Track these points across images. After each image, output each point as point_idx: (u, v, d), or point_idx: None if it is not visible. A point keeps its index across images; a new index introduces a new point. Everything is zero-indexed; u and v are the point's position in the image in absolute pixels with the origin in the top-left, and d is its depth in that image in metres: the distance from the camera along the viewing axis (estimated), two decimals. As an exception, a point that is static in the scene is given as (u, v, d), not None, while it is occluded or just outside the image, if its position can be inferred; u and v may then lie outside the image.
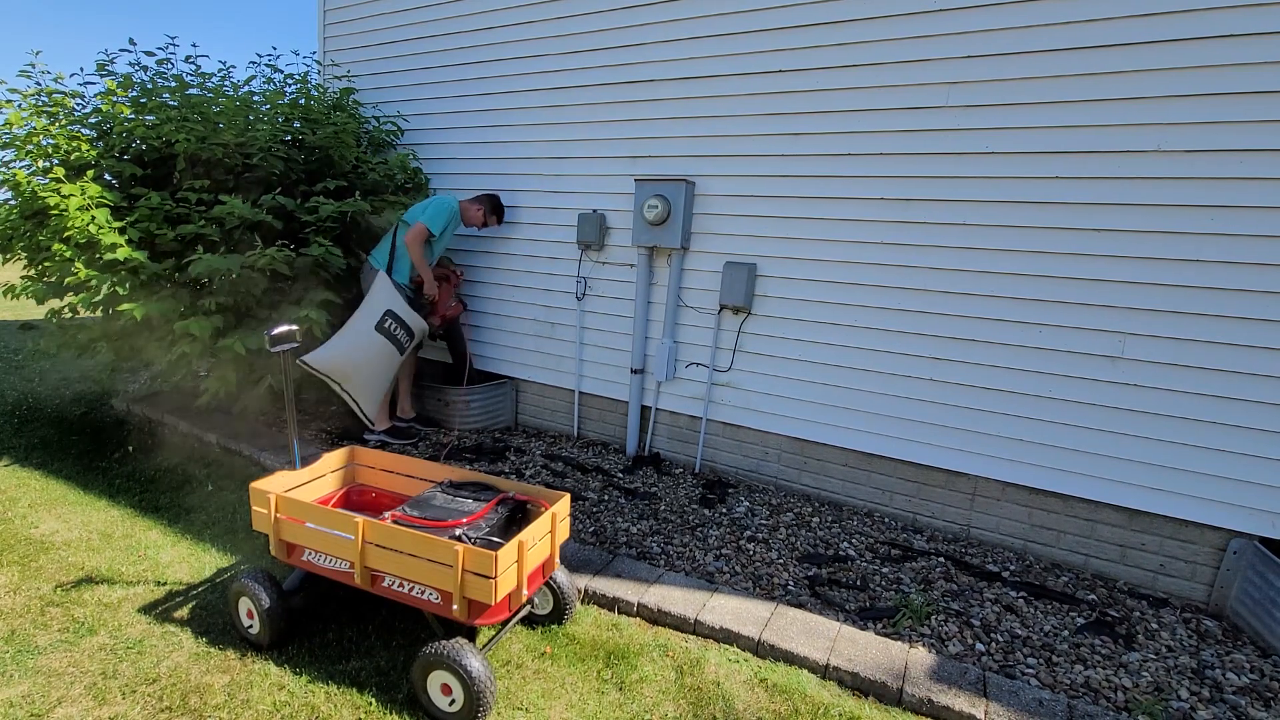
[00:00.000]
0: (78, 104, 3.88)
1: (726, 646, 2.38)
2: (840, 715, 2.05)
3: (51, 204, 3.31)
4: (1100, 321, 2.85)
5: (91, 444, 3.96)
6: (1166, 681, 2.26)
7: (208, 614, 2.38)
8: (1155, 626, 2.60)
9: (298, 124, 4.26)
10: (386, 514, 2.20)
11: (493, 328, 4.62)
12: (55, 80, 3.84)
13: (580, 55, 4.01)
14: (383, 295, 3.78)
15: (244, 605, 2.20)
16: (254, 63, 4.51)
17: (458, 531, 2.11)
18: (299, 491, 2.41)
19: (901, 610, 2.55)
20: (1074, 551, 3.03)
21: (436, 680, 1.92)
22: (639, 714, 2.02)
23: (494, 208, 4.16)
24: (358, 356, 3.69)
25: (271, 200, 3.72)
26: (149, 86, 3.96)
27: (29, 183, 3.44)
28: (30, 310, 8.35)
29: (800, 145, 3.42)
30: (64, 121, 3.74)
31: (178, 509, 3.18)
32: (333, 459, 2.61)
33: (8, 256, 3.78)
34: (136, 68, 4.14)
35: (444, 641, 1.92)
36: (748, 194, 3.59)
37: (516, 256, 4.43)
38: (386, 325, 3.73)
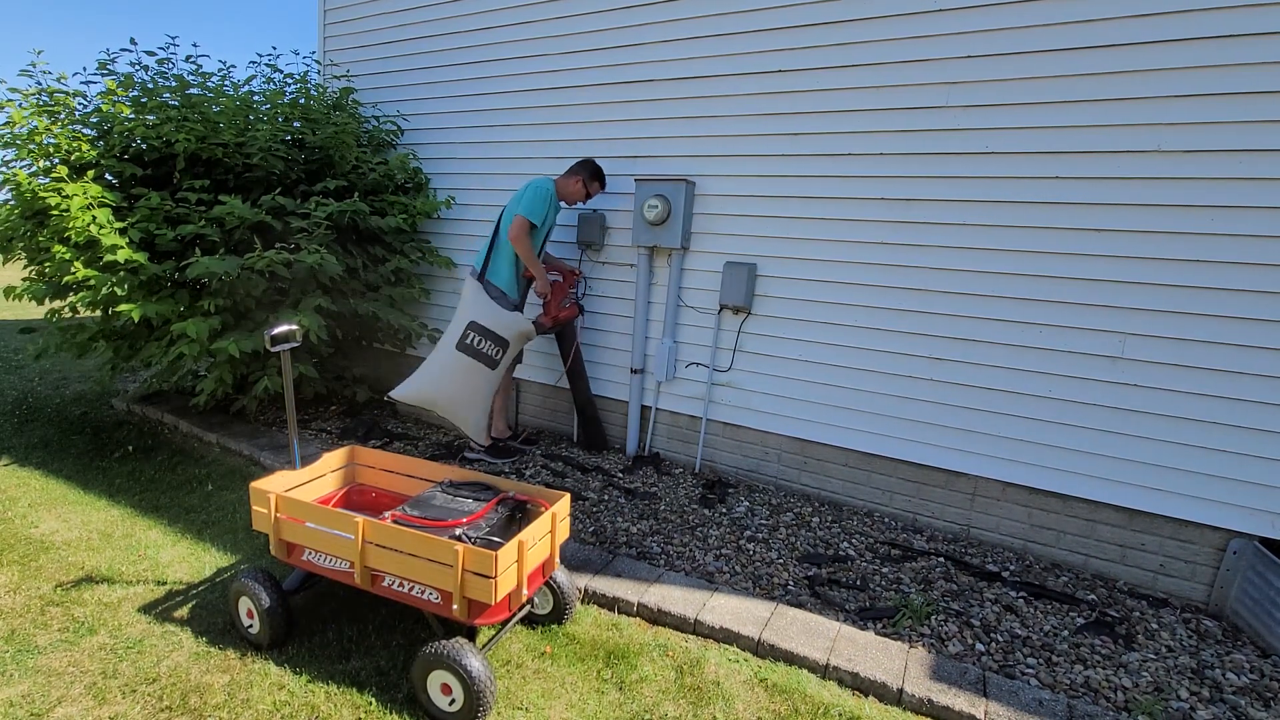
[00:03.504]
0: (79, 103, 3.88)
1: (726, 646, 2.38)
2: (840, 715, 2.05)
3: (52, 204, 3.31)
4: (1100, 322, 2.85)
5: (91, 444, 3.96)
6: (1166, 681, 2.26)
7: (208, 613, 2.38)
8: (1155, 626, 2.60)
9: (298, 124, 4.26)
10: (386, 514, 2.20)
11: (493, 328, 4.62)
12: (57, 80, 3.84)
13: (579, 55, 4.01)
14: (467, 305, 3.51)
15: (244, 605, 2.20)
16: (254, 63, 4.51)
17: (458, 531, 2.11)
18: (299, 491, 2.41)
19: (901, 610, 2.55)
20: (1074, 551, 3.03)
21: (436, 680, 1.92)
22: (639, 714, 2.02)
23: (593, 173, 3.70)
24: (442, 382, 3.47)
25: (271, 200, 3.72)
26: (149, 86, 3.96)
27: (30, 183, 3.44)
28: (31, 311, 8.35)
29: (800, 145, 3.42)
30: (65, 121, 3.74)
31: (178, 509, 3.18)
32: (333, 459, 2.61)
33: (8, 257, 3.79)
34: (137, 67, 4.14)
35: (444, 641, 1.92)
36: (748, 194, 3.59)
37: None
38: (469, 340, 3.45)
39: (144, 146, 3.84)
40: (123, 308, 3.32)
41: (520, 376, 4.56)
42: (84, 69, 4.06)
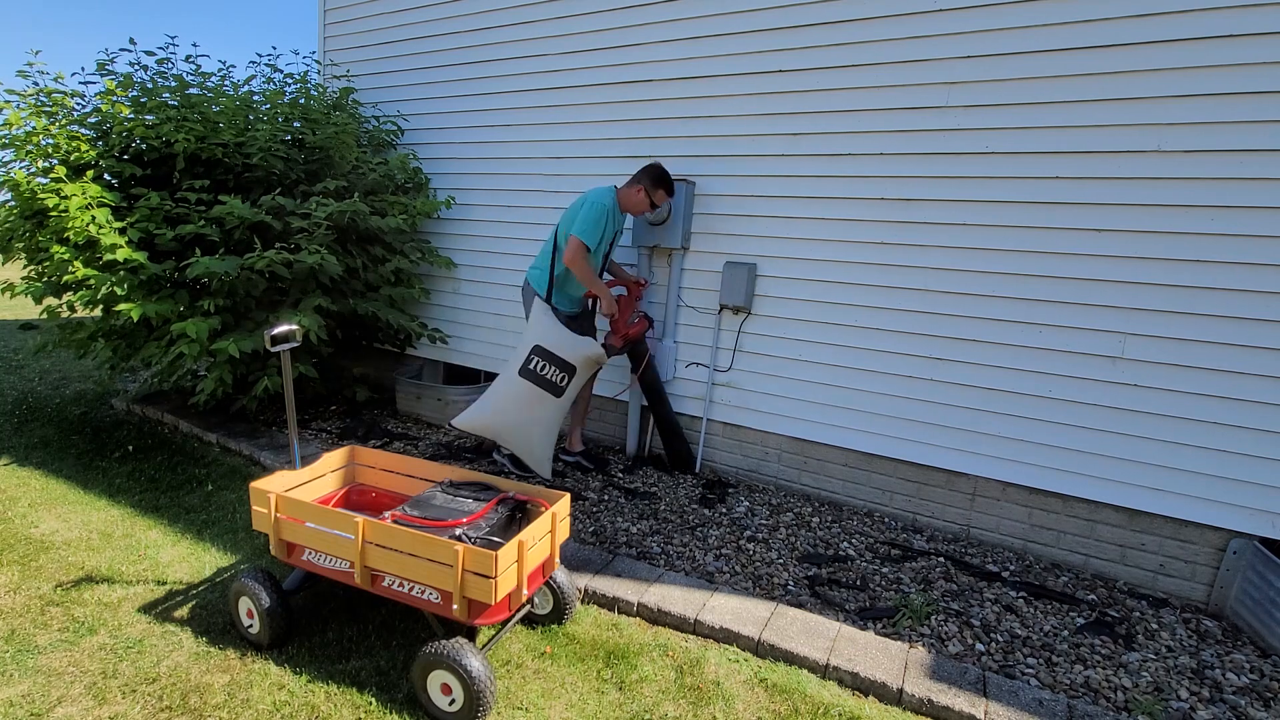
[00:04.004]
0: (77, 104, 3.88)
1: (726, 646, 2.38)
2: (840, 715, 2.05)
3: (51, 205, 3.31)
4: (1100, 322, 2.86)
5: (91, 444, 3.96)
6: (1166, 681, 2.26)
7: (208, 613, 2.38)
8: (1155, 626, 2.60)
9: (298, 124, 4.26)
10: (386, 514, 2.20)
11: (492, 327, 4.62)
12: (55, 80, 3.84)
13: (580, 55, 4.01)
14: (532, 329, 3.31)
15: (244, 605, 2.20)
16: (254, 62, 4.51)
17: (458, 531, 2.11)
18: (299, 491, 2.40)
19: (901, 610, 2.55)
20: (1074, 551, 3.03)
21: (436, 680, 1.91)
22: (639, 714, 2.02)
23: (655, 180, 3.35)
24: (506, 411, 3.28)
25: (271, 201, 3.71)
26: (149, 86, 3.95)
27: (28, 183, 3.44)
28: (31, 310, 8.35)
29: (800, 145, 3.42)
30: (63, 121, 3.74)
31: (178, 509, 3.18)
32: (333, 459, 2.61)
33: (8, 257, 3.79)
34: (136, 67, 4.14)
35: (444, 641, 1.92)
36: (748, 194, 3.59)
37: (516, 256, 4.43)
38: (533, 366, 3.25)
39: (143, 146, 3.83)
40: (122, 307, 3.32)
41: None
42: (81, 69, 4.06)
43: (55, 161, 3.61)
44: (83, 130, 3.81)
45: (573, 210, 3.37)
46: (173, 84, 4.00)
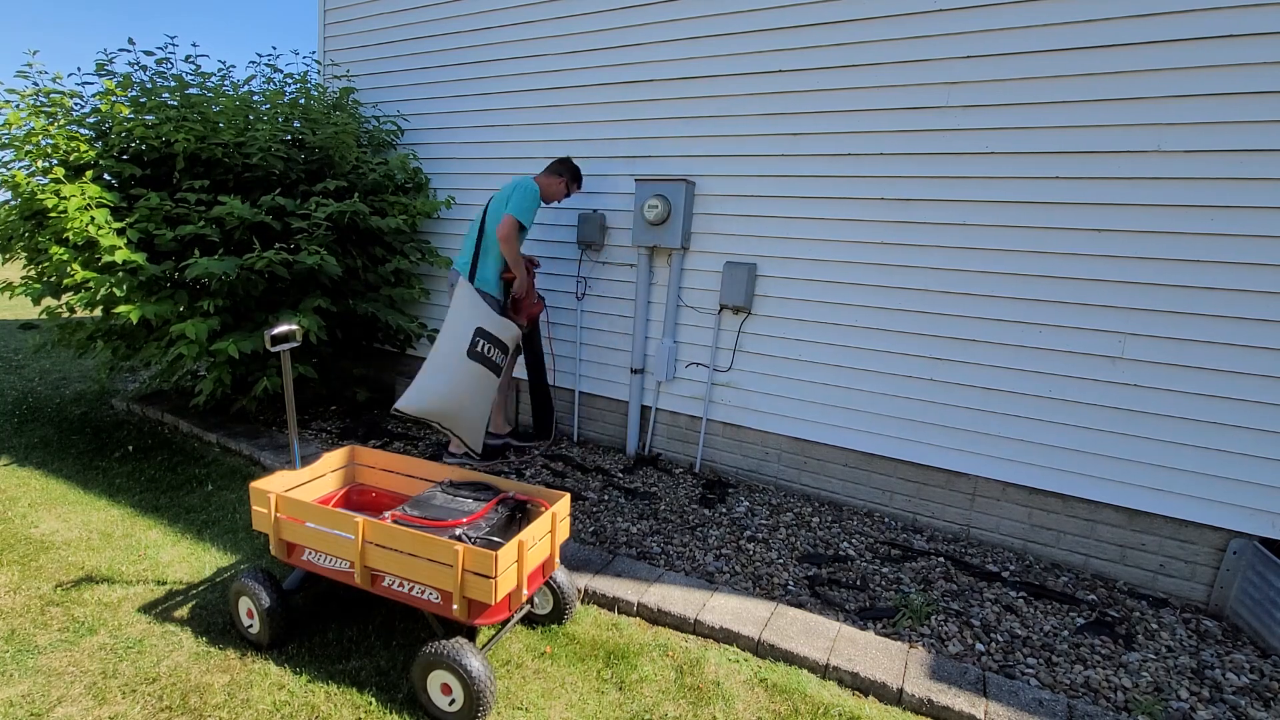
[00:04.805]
0: (76, 104, 3.88)
1: (726, 646, 2.38)
2: (840, 715, 2.05)
3: (50, 205, 3.31)
4: (1100, 322, 2.86)
5: (91, 444, 3.96)
6: (1166, 681, 2.26)
7: (208, 613, 2.38)
8: (1155, 626, 2.60)
9: (298, 124, 4.26)
10: (387, 514, 2.20)
11: (493, 328, 4.62)
12: (53, 80, 3.84)
13: (580, 55, 4.01)
14: (468, 312, 3.36)
15: (244, 605, 2.20)
16: (254, 62, 4.52)
17: (458, 531, 2.11)
18: (299, 491, 2.41)
19: (901, 610, 2.55)
20: (1074, 551, 3.03)
21: (436, 680, 1.92)
22: (639, 714, 2.02)
23: (574, 174, 3.72)
24: (458, 392, 3.29)
25: (271, 201, 3.71)
26: (148, 86, 3.95)
27: (28, 183, 3.44)
28: (31, 310, 8.34)
29: (800, 145, 3.42)
30: (62, 122, 3.74)
31: (178, 509, 3.18)
32: (333, 459, 2.61)
33: (7, 256, 3.79)
34: (136, 67, 4.14)
35: (444, 641, 1.92)
36: (748, 194, 3.59)
37: (516, 256, 4.43)
38: (479, 348, 3.30)
39: (143, 147, 3.83)
40: (121, 309, 3.32)
41: (520, 376, 4.55)
42: (79, 69, 4.06)
43: (54, 162, 3.61)
44: (82, 130, 3.81)
45: (503, 195, 3.54)
46: (172, 84, 4.00)
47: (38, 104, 3.73)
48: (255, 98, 4.27)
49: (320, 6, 5.13)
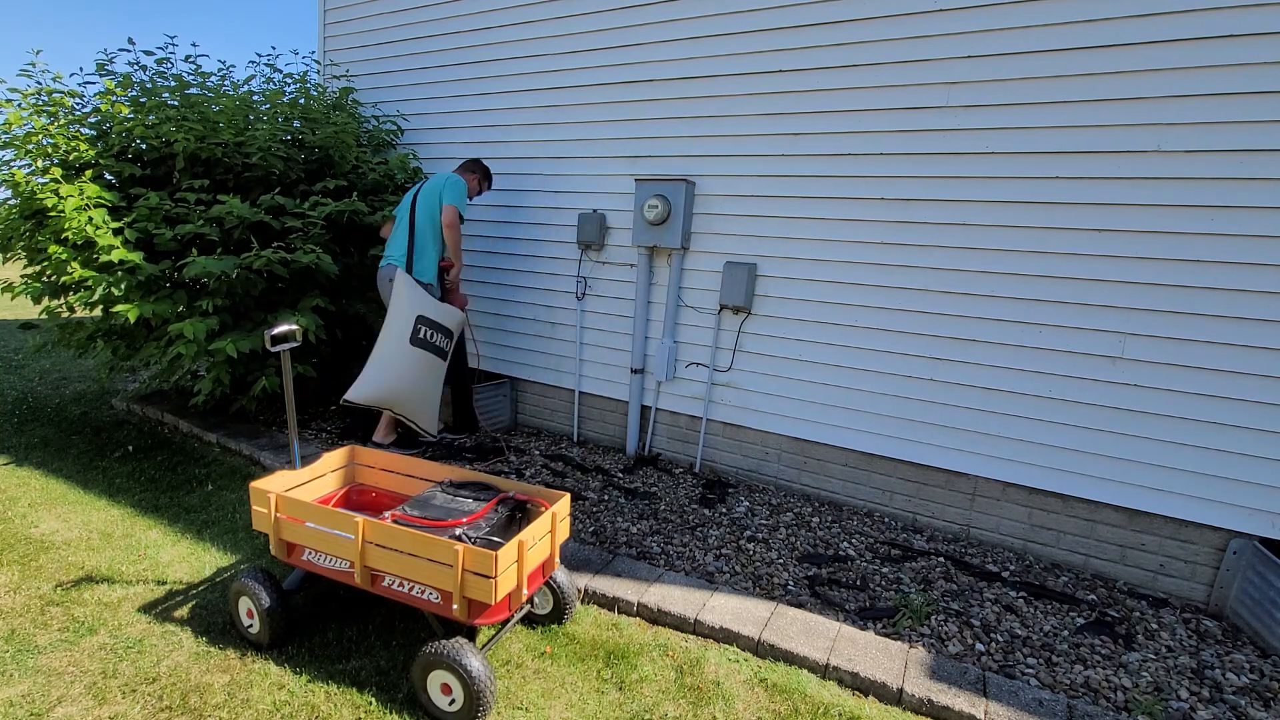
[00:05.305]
0: (76, 104, 3.88)
1: (726, 646, 2.38)
2: (840, 715, 2.05)
3: (49, 205, 3.31)
4: (1100, 322, 2.86)
5: (91, 444, 3.96)
6: (1166, 681, 2.26)
7: (208, 613, 2.38)
8: (1155, 626, 2.60)
9: (297, 123, 4.26)
10: (387, 514, 2.20)
11: (492, 327, 4.62)
12: (54, 80, 3.84)
13: (579, 55, 4.01)
14: (408, 300, 3.45)
15: (244, 605, 2.20)
16: (254, 62, 4.52)
17: (458, 531, 2.11)
18: (299, 491, 2.41)
19: (901, 610, 2.55)
20: (1074, 551, 3.03)
21: (436, 680, 1.91)
22: (639, 714, 2.02)
23: (486, 174, 4.02)
24: (402, 379, 3.42)
25: (271, 200, 3.71)
26: (148, 86, 3.96)
27: (27, 183, 3.44)
28: (31, 310, 8.35)
29: (800, 145, 3.42)
30: (63, 121, 3.74)
31: (178, 509, 3.18)
32: (333, 459, 2.61)
33: (7, 256, 3.79)
34: (136, 67, 4.14)
35: (444, 641, 1.92)
36: (748, 194, 3.59)
37: (517, 256, 4.43)
38: (421, 335, 3.43)
39: (143, 146, 3.84)
40: (119, 308, 3.32)
41: (520, 376, 4.56)
42: (80, 69, 4.06)
43: (54, 161, 3.61)
44: (82, 130, 3.81)
45: (434, 188, 3.68)
46: (172, 84, 4.01)
47: (39, 103, 3.74)
48: (255, 98, 4.28)
49: (320, 6, 5.13)
